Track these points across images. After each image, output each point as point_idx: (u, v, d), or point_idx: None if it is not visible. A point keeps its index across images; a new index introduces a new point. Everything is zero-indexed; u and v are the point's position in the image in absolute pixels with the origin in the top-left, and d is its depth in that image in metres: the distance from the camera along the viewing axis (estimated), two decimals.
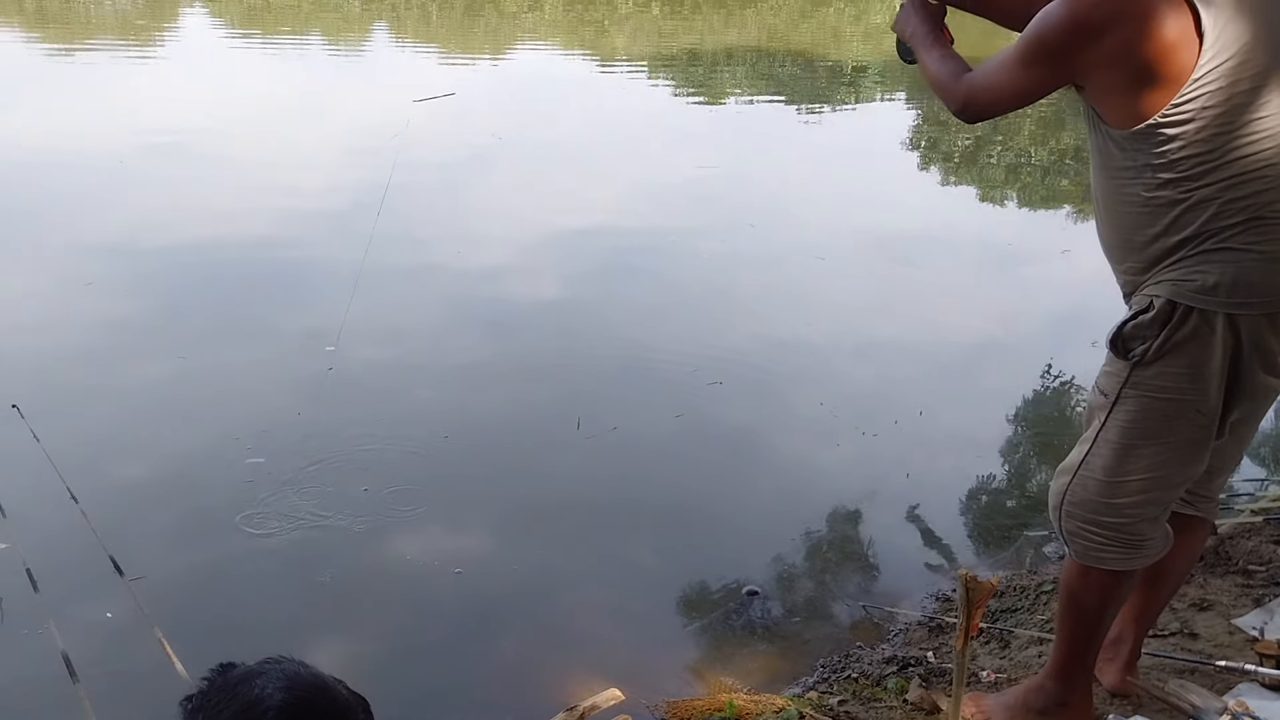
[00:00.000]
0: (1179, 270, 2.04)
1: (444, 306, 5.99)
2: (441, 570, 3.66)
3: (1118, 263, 2.20)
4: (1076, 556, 2.32)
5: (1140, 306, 2.10)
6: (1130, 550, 2.27)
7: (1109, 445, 2.20)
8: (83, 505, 2.98)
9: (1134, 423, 2.16)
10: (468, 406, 4.83)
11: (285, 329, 5.47)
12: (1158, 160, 2.00)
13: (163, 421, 4.53)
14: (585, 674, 3.15)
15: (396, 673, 3.20)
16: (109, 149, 9.06)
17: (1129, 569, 2.29)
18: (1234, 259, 1.99)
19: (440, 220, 7.53)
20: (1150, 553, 2.29)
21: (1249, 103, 1.94)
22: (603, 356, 5.38)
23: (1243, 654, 2.79)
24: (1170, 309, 2.05)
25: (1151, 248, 2.07)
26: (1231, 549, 3.44)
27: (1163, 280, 2.06)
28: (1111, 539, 2.25)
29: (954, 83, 2.30)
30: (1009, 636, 3.22)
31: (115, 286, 6.03)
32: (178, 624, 3.17)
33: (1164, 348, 2.07)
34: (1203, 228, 2.00)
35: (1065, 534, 2.32)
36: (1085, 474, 2.25)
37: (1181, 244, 2.03)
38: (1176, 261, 2.04)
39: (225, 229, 7.11)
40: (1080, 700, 2.49)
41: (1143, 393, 2.13)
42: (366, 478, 4.12)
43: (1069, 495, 2.28)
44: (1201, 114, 1.94)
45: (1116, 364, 2.16)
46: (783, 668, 3.35)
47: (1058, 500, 2.31)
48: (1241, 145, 1.96)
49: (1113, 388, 2.18)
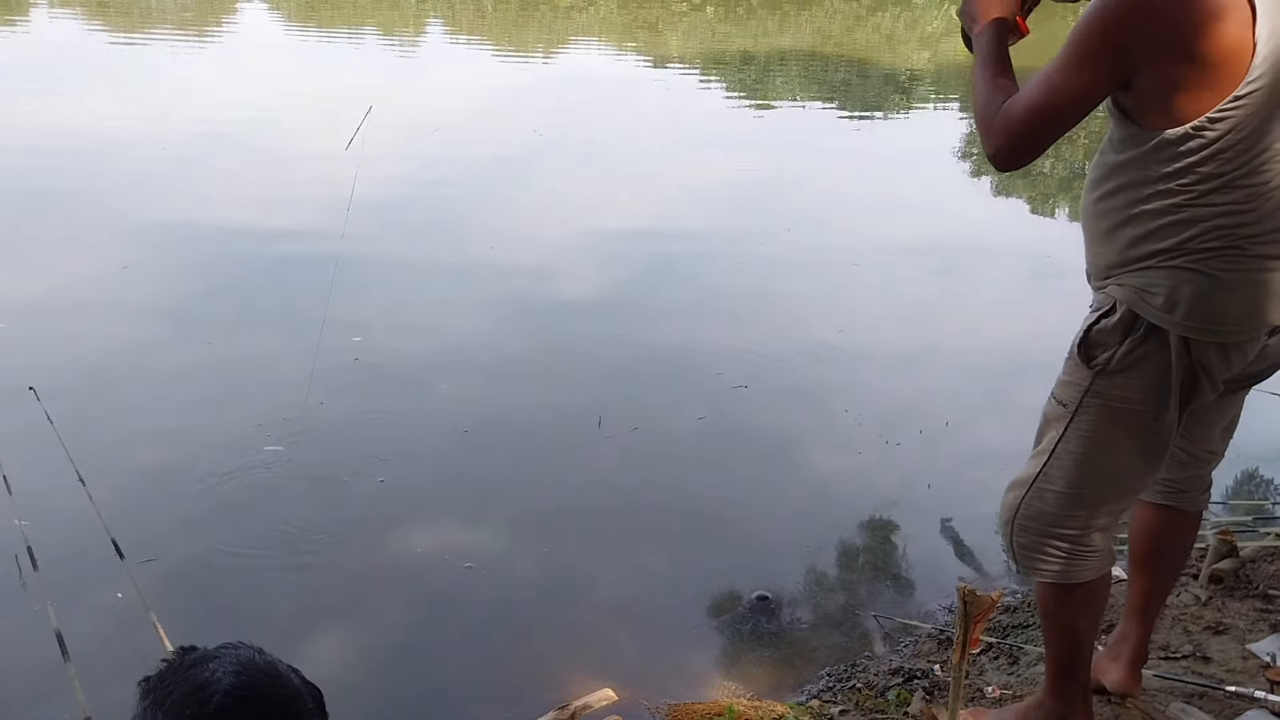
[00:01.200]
0: (1145, 276, 1.98)
1: (474, 302, 6.03)
2: (452, 564, 3.67)
3: (1091, 244, 2.13)
4: (1024, 571, 2.31)
5: (1103, 307, 2.05)
6: (1079, 562, 2.22)
7: (1070, 456, 2.15)
8: (97, 489, 3.02)
9: (1095, 433, 2.12)
10: (489, 402, 4.84)
11: (314, 319, 5.52)
12: (1169, 169, 1.92)
13: (185, 407, 4.59)
14: (588, 674, 3.15)
15: (400, 664, 3.22)
16: (156, 136, 9.24)
17: (1076, 581, 2.24)
18: (1198, 281, 1.94)
19: (477, 216, 7.58)
20: (1098, 564, 2.24)
21: (1268, 130, 1.89)
22: (628, 357, 5.37)
23: (1255, 680, 2.72)
24: (1132, 319, 2.01)
25: (1127, 251, 2.02)
26: (1253, 572, 3.36)
27: (1126, 284, 2.01)
28: (1064, 551, 2.21)
29: (991, 117, 2.04)
30: (1018, 653, 3.16)
31: (151, 271, 6.13)
32: (184, 609, 3.24)
33: (1126, 359, 2.03)
34: (1181, 245, 1.94)
35: (1016, 548, 2.28)
36: (1043, 485, 2.21)
37: (1155, 253, 1.97)
38: (1145, 268, 1.99)
39: (264, 218, 7.22)
40: (1079, 717, 2.45)
41: (1104, 402, 2.09)
42: (384, 469, 4.15)
43: (1023, 509, 2.24)
44: (1235, 130, 1.87)
45: (1078, 372, 2.11)
46: (788, 674, 3.32)
47: (1010, 515, 2.26)
48: (1252, 172, 1.90)
49: (1073, 397, 2.13)
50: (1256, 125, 1.87)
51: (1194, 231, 1.93)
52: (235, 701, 1.20)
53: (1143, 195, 1.97)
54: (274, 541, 3.72)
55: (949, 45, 19.14)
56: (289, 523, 3.80)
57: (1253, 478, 4.51)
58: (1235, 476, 4.47)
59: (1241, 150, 1.88)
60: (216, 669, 1.23)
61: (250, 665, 1.26)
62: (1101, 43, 1.90)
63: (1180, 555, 2.57)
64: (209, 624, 3.22)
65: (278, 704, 1.24)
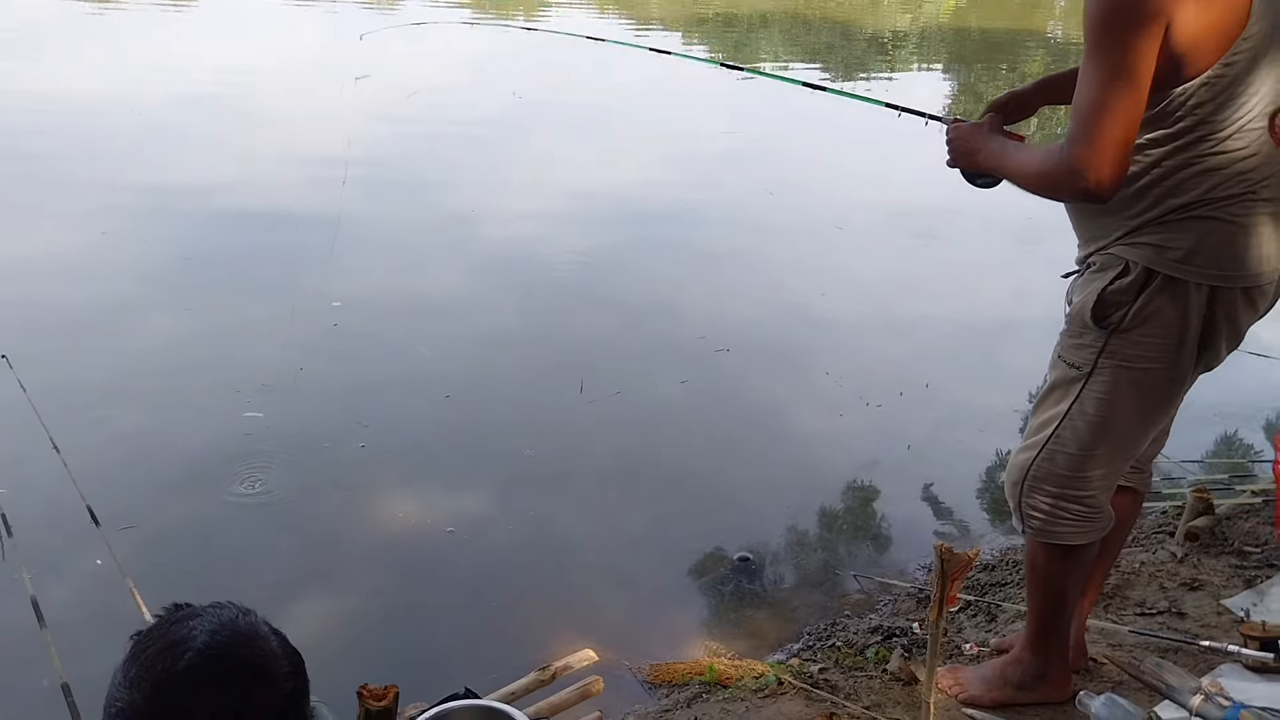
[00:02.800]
0: (1160, 234, 1.98)
1: (455, 267, 5.99)
2: (434, 529, 3.67)
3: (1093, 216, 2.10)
4: (1033, 534, 2.30)
5: (1114, 268, 2.04)
6: (1086, 524, 2.25)
7: (1084, 419, 2.15)
8: (74, 457, 3.00)
9: (1111, 395, 2.12)
10: (471, 367, 4.83)
11: (293, 285, 5.49)
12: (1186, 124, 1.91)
13: (164, 373, 4.56)
14: (570, 635, 3.15)
15: (382, 629, 3.23)
16: (133, 101, 9.13)
17: (1085, 543, 2.27)
18: (1220, 229, 1.94)
19: (456, 180, 7.53)
20: (1103, 525, 2.27)
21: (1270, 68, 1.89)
22: (610, 321, 5.36)
23: (1229, 635, 2.75)
24: (1146, 276, 2.00)
25: (1146, 213, 1.99)
26: (1228, 529, 3.39)
27: (1140, 243, 2.00)
28: (1073, 513, 2.23)
29: (1056, 158, 1.90)
30: (996, 610, 3.19)
31: (129, 237, 6.08)
32: (165, 576, 3.23)
33: (1141, 314, 2.02)
34: (1203, 196, 1.94)
35: (1025, 509, 2.29)
36: (1055, 448, 2.21)
37: (1176, 208, 1.96)
38: (1163, 223, 1.98)
39: (243, 183, 7.15)
40: (1056, 673, 2.48)
41: (1119, 363, 2.09)
42: (365, 434, 4.14)
43: (1034, 470, 2.25)
44: (1244, 73, 1.87)
45: (1090, 334, 2.11)
46: (769, 634, 3.35)
47: (1020, 475, 2.28)
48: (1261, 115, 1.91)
49: (1086, 359, 2.13)
50: (1262, 66, 1.88)
51: (1215, 180, 1.93)
52: (205, 661, 1.20)
53: (1158, 157, 1.95)
54: (254, 508, 3.71)
55: (931, 7, 19.05)
56: (269, 489, 3.79)
57: (1231, 437, 4.54)
58: (1214, 437, 4.50)
59: (1252, 93, 1.89)
60: (195, 627, 1.23)
61: (228, 626, 1.25)
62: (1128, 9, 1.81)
63: (1123, 538, 2.61)
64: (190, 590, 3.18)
65: (249, 666, 1.23)
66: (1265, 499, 3.55)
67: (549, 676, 2.58)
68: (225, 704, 1.21)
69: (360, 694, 2.27)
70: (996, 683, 2.55)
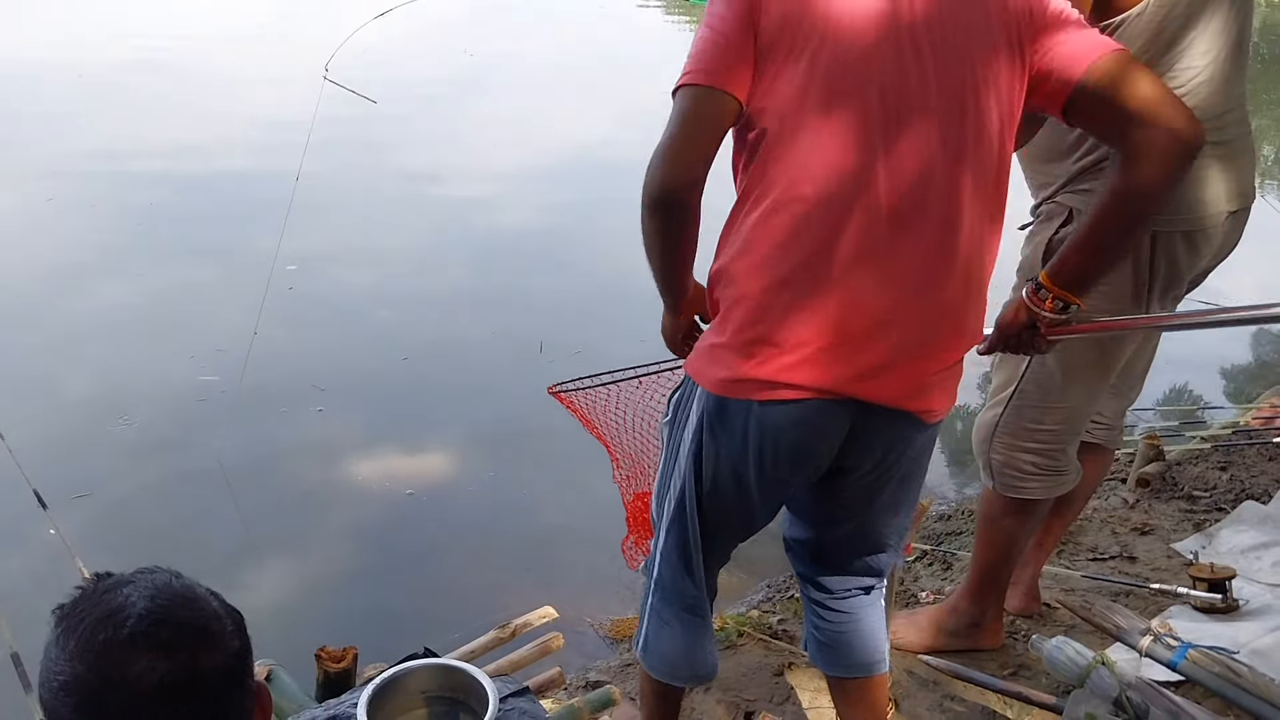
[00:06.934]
0: (1100, 180, 1.98)
1: (412, 229, 5.94)
2: (393, 491, 3.66)
3: (1040, 163, 2.11)
4: (1001, 489, 2.32)
5: (1059, 217, 2.05)
6: (1052, 478, 2.28)
7: (1045, 370, 2.17)
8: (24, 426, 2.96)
9: (1066, 346, 2.13)
10: (429, 329, 4.80)
11: (247, 247, 5.41)
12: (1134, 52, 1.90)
13: (115, 339, 4.51)
14: (532, 593, 3.15)
15: (341, 592, 3.22)
16: (72, 63, 8.92)
17: (1048, 497, 2.30)
18: None
19: (411, 142, 7.44)
20: (1068, 480, 2.30)
21: (1209, 12, 1.89)
22: (570, 282, 5.33)
23: (1178, 577, 2.81)
24: None
25: (1084, 158, 2.01)
26: (1178, 475, 3.45)
27: (1081, 190, 2.01)
28: (1042, 467, 2.26)
29: None
30: (952, 559, 3.23)
31: (76, 203, 5.96)
32: (121, 544, 3.21)
33: None
34: None
35: (993, 465, 2.31)
36: (1019, 403, 2.23)
37: None
38: (1100, 169, 1.98)
39: (193, 146, 7.03)
40: (991, 621, 2.52)
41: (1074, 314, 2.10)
42: (321, 398, 4.11)
43: (1001, 426, 2.27)
44: (1185, 11, 1.87)
45: None
46: (730, 587, 3.36)
47: (988, 432, 2.30)
48: (1198, 54, 1.91)
49: None
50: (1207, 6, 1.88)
51: None
52: (150, 625, 1.18)
53: None
54: (210, 474, 3.67)
55: None
56: (225, 454, 3.76)
57: (1181, 385, 4.61)
58: (1166, 384, 4.56)
59: (1195, 35, 1.89)
60: (131, 594, 1.20)
61: (165, 589, 1.22)
62: None
63: (1088, 494, 2.64)
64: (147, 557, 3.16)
65: (194, 628, 1.21)
66: (1215, 445, 3.61)
67: (509, 634, 2.58)
68: (174, 667, 1.18)
69: (319, 656, 2.26)
70: (929, 629, 2.58)
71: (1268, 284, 5.47)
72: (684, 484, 1.78)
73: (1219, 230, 2.06)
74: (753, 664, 2.68)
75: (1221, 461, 3.54)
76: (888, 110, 1.55)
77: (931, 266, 1.59)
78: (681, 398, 1.79)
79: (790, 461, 1.68)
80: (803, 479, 1.75)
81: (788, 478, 1.72)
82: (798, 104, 1.55)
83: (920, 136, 1.56)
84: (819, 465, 1.71)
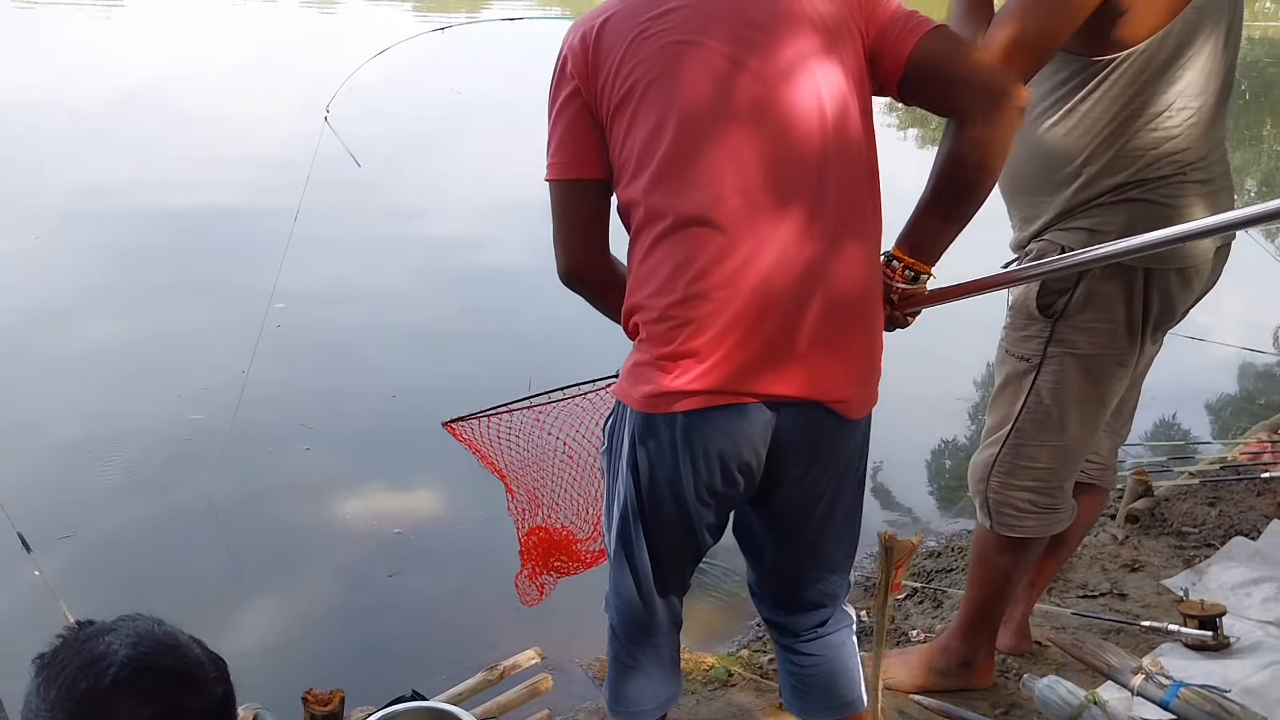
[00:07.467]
0: (1092, 218, 2.00)
1: (399, 267, 5.95)
2: (381, 530, 3.64)
3: (1028, 196, 2.12)
4: (997, 527, 2.31)
5: (1050, 255, 2.05)
6: (1049, 516, 2.28)
7: (1041, 409, 2.17)
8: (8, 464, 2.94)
9: (1062, 383, 2.14)
10: (417, 367, 4.80)
11: (236, 286, 5.41)
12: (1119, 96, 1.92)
13: (103, 378, 4.49)
14: (521, 634, 3.13)
15: (328, 633, 3.19)
16: (64, 102, 8.95)
17: (1044, 535, 2.29)
18: (1150, 212, 1.96)
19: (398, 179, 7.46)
20: (1064, 518, 2.30)
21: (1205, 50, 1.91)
22: (557, 320, 5.29)
23: (1169, 614, 2.80)
24: None
25: (1080, 194, 2.01)
26: (1167, 510, 3.45)
27: (1074, 228, 2.02)
28: (1040, 505, 2.26)
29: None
30: (942, 596, 3.22)
31: (64, 241, 5.96)
32: (108, 584, 3.18)
33: (1083, 299, 2.05)
34: (1135, 176, 1.96)
35: (990, 504, 2.30)
36: (1016, 442, 2.23)
37: (1109, 189, 1.98)
38: (1096, 206, 2.00)
39: (181, 184, 7.04)
40: (983, 660, 2.50)
41: (1067, 350, 2.11)
42: (309, 436, 4.10)
43: (998, 465, 2.26)
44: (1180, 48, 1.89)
45: (1035, 325, 2.13)
46: (719, 626, 3.35)
47: (984, 472, 2.29)
48: (1195, 95, 1.93)
49: (1034, 350, 2.15)
50: (1195, 45, 1.89)
51: (1147, 160, 1.95)
52: (132, 673, 1.17)
53: (1094, 130, 1.96)
54: (198, 513, 3.65)
55: None
56: (213, 494, 3.73)
57: (1169, 420, 4.62)
58: (1153, 419, 4.57)
59: (1185, 74, 1.91)
60: (113, 641, 1.20)
61: (148, 636, 1.22)
62: None
63: (1081, 535, 2.65)
64: (135, 598, 3.14)
65: (177, 674, 1.21)
66: (1203, 480, 3.62)
67: (497, 676, 2.56)
68: (157, 714, 1.18)
69: (305, 699, 2.24)
70: (920, 668, 2.57)
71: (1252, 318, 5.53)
72: (625, 508, 1.82)
73: (1208, 265, 2.08)
74: (744, 704, 2.66)
75: (1210, 497, 3.54)
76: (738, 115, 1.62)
77: (813, 257, 1.65)
78: (614, 424, 1.84)
79: (722, 469, 1.72)
80: (740, 494, 1.78)
81: (723, 489, 1.75)
82: (653, 144, 1.63)
83: (773, 136, 1.63)
84: (751, 474, 1.75)
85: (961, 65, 1.67)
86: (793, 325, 1.66)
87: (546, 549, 2.62)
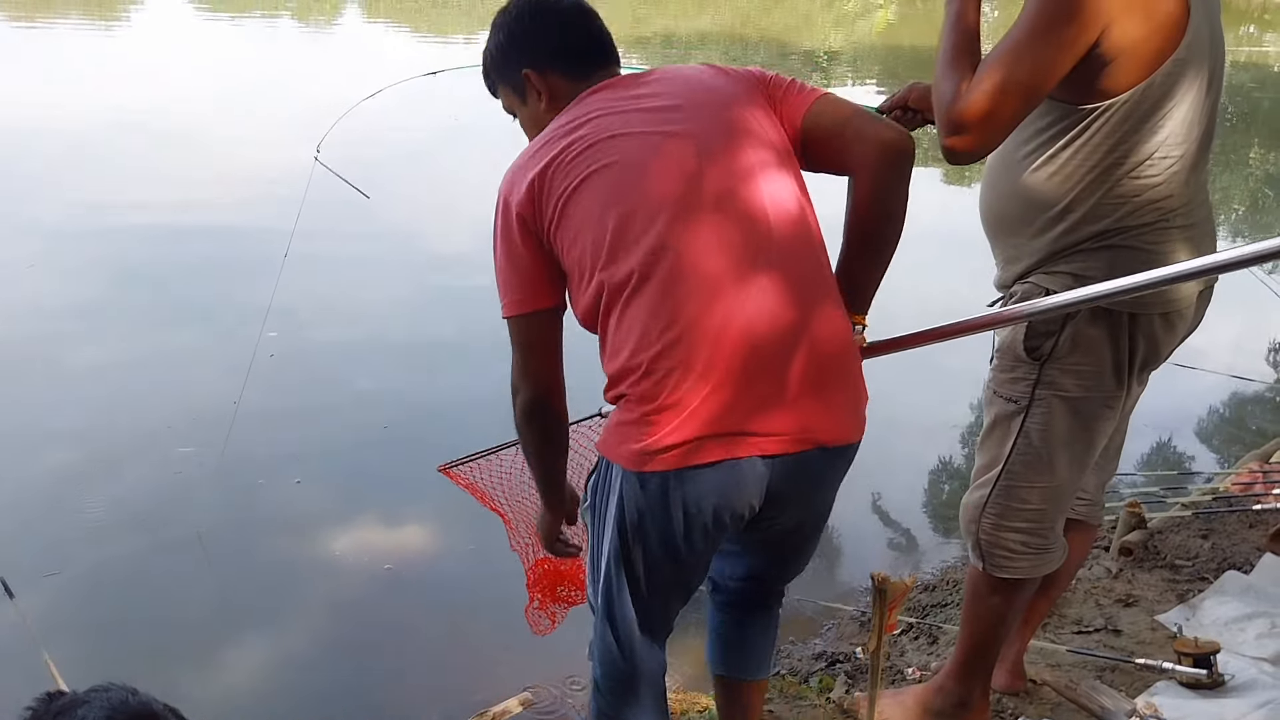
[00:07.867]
0: (1076, 263, 2.00)
1: (394, 294, 5.94)
2: (372, 565, 3.61)
3: (1011, 238, 2.11)
4: (990, 569, 2.30)
5: (1035, 297, 2.05)
6: (1041, 556, 2.27)
7: (1031, 451, 2.17)
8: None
9: (1051, 425, 2.13)
10: (410, 397, 4.78)
11: (229, 311, 5.39)
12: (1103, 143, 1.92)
13: (92, 409, 4.47)
14: (513, 672, 3.12)
15: (318, 672, 3.16)
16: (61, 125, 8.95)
17: (1036, 575, 2.29)
18: (1133, 258, 1.96)
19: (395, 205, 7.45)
20: (1056, 557, 2.29)
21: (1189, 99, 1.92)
22: None
23: (1164, 651, 2.79)
24: None
25: (1063, 239, 2.01)
26: (1160, 543, 3.44)
27: (1058, 272, 2.02)
28: (1032, 546, 2.25)
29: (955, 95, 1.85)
30: (937, 632, 3.20)
31: (57, 268, 5.95)
32: (95, 620, 3.16)
33: (1070, 342, 2.04)
34: (1118, 223, 1.97)
35: (982, 545, 2.29)
36: (1006, 483, 2.22)
37: (1091, 236, 1.98)
38: (1079, 251, 2.00)
39: (178, 209, 7.04)
40: (978, 701, 2.49)
41: (1055, 392, 2.11)
42: (300, 469, 4.08)
43: (989, 507, 2.25)
44: (1166, 98, 1.89)
45: (1023, 367, 2.13)
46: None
47: (975, 514, 2.28)
48: (1178, 143, 1.93)
49: (1022, 392, 2.14)
50: (1178, 95, 1.89)
51: (1130, 208, 1.95)
52: None
53: (1077, 177, 1.96)
54: (187, 547, 3.62)
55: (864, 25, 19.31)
56: (202, 528, 3.71)
57: (1162, 450, 4.62)
58: (1145, 449, 4.57)
59: (1168, 123, 1.91)
60: (86, 714, 1.18)
61: (122, 707, 1.21)
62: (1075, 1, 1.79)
63: (1073, 572, 2.64)
64: (122, 638, 3.14)
65: None
66: (1195, 512, 3.61)
67: None
68: None
69: None
70: (915, 709, 2.55)
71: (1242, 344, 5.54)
72: (609, 564, 1.85)
73: (1191, 309, 2.09)
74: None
75: (1203, 529, 3.53)
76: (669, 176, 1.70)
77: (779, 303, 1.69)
78: (599, 480, 1.85)
79: (715, 520, 1.76)
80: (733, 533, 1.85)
81: (715, 534, 1.80)
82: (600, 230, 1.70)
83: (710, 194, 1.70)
84: (744, 519, 1.80)
85: (850, 124, 1.77)
86: (780, 371, 1.68)
87: (553, 580, 2.65)
